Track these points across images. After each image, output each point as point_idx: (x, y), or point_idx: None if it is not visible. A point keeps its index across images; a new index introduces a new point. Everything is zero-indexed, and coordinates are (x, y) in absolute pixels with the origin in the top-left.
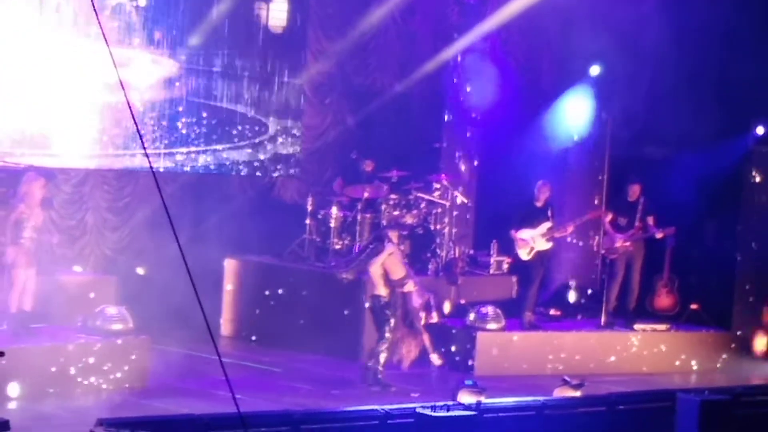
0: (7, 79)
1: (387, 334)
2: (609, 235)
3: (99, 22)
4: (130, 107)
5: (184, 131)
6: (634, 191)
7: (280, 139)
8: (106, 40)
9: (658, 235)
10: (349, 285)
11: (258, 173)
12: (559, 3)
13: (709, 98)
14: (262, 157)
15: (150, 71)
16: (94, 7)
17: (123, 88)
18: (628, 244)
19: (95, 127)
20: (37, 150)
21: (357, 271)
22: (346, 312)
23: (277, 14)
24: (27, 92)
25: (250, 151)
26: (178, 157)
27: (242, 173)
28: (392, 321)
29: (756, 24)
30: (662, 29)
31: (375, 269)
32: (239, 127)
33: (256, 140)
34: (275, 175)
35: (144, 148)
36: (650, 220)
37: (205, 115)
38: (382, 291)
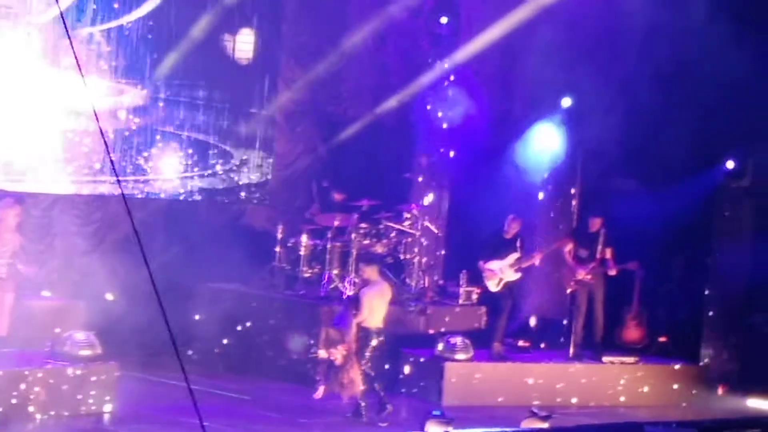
0: None
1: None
2: (569, 268)
3: (74, 52)
4: (102, 134)
5: (152, 159)
6: (595, 223)
7: (246, 168)
8: (80, 69)
9: (611, 272)
10: (318, 314)
11: (226, 200)
12: (532, 34)
13: (681, 131)
14: (228, 185)
15: (119, 100)
16: (69, 37)
17: (96, 116)
18: (588, 276)
19: (64, 153)
20: (6, 175)
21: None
22: (309, 343)
23: (243, 46)
24: None
25: (217, 179)
26: (147, 186)
27: (211, 200)
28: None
29: (728, 59)
30: (635, 62)
31: None
32: (207, 156)
33: (223, 169)
34: (245, 202)
35: (116, 175)
36: (608, 253)
37: (170, 143)
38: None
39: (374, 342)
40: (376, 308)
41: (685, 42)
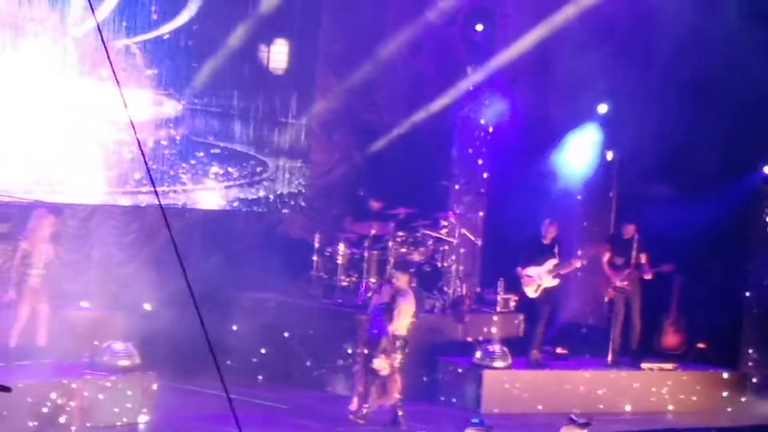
0: (16, 118)
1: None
2: (606, 275)
3: (111, 64)
4: (139, 145)
5: (189, 170)
6: (629, 230)
7: (282, 178)
8: (117, 81)
9: (647, 276)
10: (356, 322)
11: (263, 209)
12: (568, 40)
13: (717, 136)
14: (264, 194)
15: (155, 111)
16: (106, 50)
17: (133, 127)
18: (625, 283)
19: (102, 164)
20: (45, 186)
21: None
22: (347, 352)
23: (277, 56)
24: (36, 130)
25: (254, 189)
26: (184, 196)
27: (248, 210)
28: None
29: (765, 64)
30: (671, 68)
31: None
32: (243, 166)
33: (260, 178)
34: (281, 211)
35: (153, 185)
36: (643, 259)
37: (207, 153)
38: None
39: (403, 351)
40: (405, 317)
41: (720, 47)
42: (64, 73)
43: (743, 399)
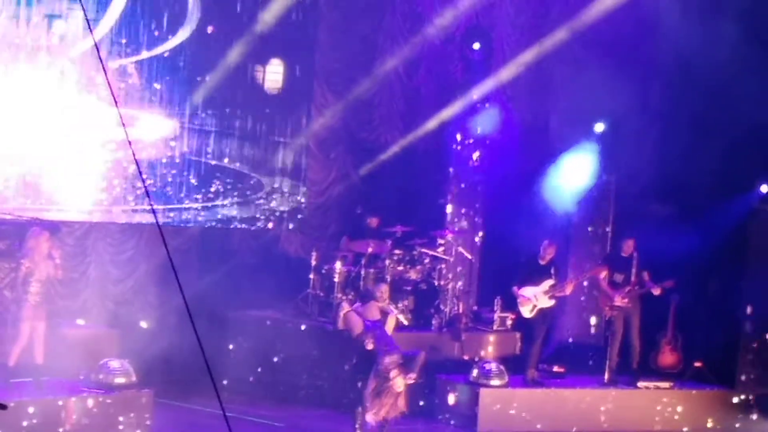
0: (14, 136)
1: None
2: (606, 293)
3: (108, 84)
4: (137, 164)
5: (185, 188)
6: (628, 246)
7: (278, 196)
8: (115, 100)
9: (655, 292)
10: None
11: (260, 228)
12: (565, 59)
13: (714, 156)
14: (261, 213)
15: (151, 130)
16: (104, 70)
17: (130, 145)
18: (626, 300)
19: (98, 182)
20: (42, 204)
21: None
22: (346, 367)
23: (272, 76)
24: (33, 149)
25: (250, 207)
26: (180, 214)
27: (244, 228)
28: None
29: (763, 83)
30: (669, 86)
31: (339, 326)
32: (239, 185)
33: (256, 197)
34: (278, 229)
35: (150, 203)
36: (646, 276)
37: (203, 172)
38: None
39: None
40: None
41: (719, 68)
42: (62, 92)
43: (740, 417)
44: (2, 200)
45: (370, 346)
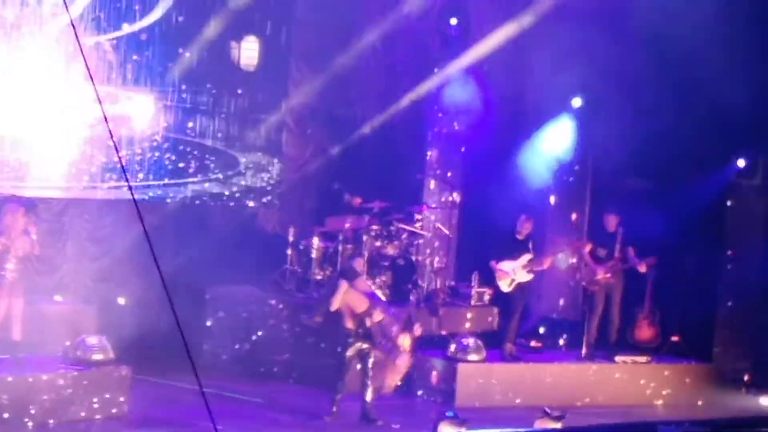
0: None
1: (367, 368)
2: (589, 267)
3: (84, 60)
4: (113, 140)
5: (161, 165)
6: (611, 221)
7: (255, 172)
8: (91, 77)
9: (641, 269)
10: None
11: (237, 203)
12: (542, 34)
13: (692, 130)
14: (238, 189)
15: (128, 107)
16: (80, 46)
17: (107, 122)
18: (608, 275)
19: (75, 159)
20: (18, 181)
21: (323, 313)
22: (321, 346)
23: (248, 53)
24: (9, 126)
25: (227, 183)
26: (158, 191)
27: (222, 204)
28: (370, 354)
29: (739, 56)
30: (645, 62)
31: (335, 307)
32: (216, 161)
33: (232, 173)
34: (254, 206)
35: (127, 180)
36: (631, 252)
37: (180, 149)
38: (349, 324)
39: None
40: None
41: (695, 40)
42: (38, 69)
43: (716, 392)
44: None
45: (378, 317)
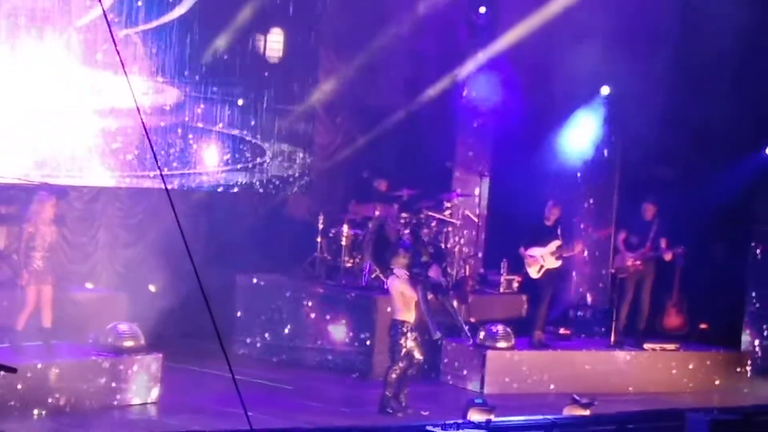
0: (24, 104)
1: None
2: (620, 254)
3: (117, 52)
4: (145, 130)
5: (191, 155)
6: (649, 210)
7: (285, 161)
8: (124, 69)
9: (667, 257)
10: (361, 305)
11: (266, 191)
12: (571, 22)
13: (721, 117)
14: (265, 178)
15: (158, 98)
16: (113, 38)
17: (139, 112)
18: (638, 263)
19: (107, 147)
20: (51, 171)
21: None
22: (350, 333)
23: (273, 45)
24: (43, 116)
25: (256, 172)
26: (187, 180)
27: (252, 193)
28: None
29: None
30: (674, 49)
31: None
32: (245, 151)
33: (261, 161)
34: (284, 194)
35: (159, 168)
36: (663, 242)
37: (208, 139)
38: (406, 317)
39: None
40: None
41: (724, 28)
42: (69, 61)
43: (745, 379)
44: (13, 166)
45: (429, 296)
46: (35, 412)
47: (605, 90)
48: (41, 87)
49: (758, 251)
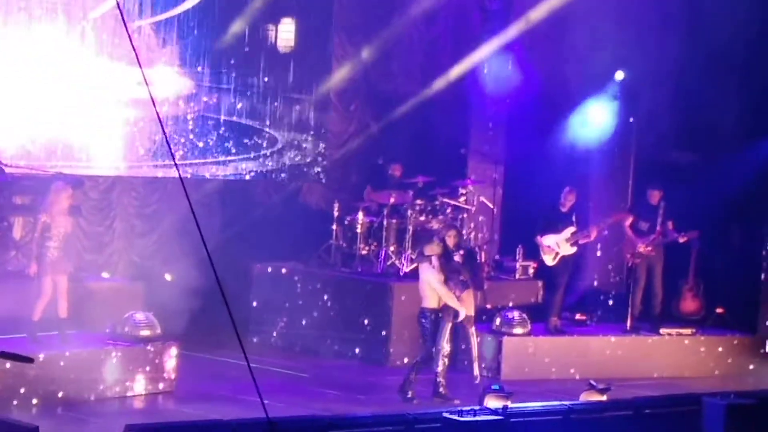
0: (39, 95)
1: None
2: (630, 240)
3: (131, 43)
4: (159, 120)
5: (205, 144)
6: (654, 195)
7: (299, 149)
8: (138, 60)
9: (681, 240)
10: (376, 291)
11: (280, 179)
12: (584, 7)
13: (736, 101)
14: (279, 167)
15: (172, 88)
16: (126, 29)
17: (153, 103)
18: (649, 249)
19: (121, 139)
20: (67, 161)
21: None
22: (366, 321)
23: (284, 35)
24: (58, 107)
25: (270, 161)
26: (203, 169)
27: (266, 181)
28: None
29: None
30: (687, 33)
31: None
32: (258, 140)
33: (274, 150)
34: (298, 182)
35: (173, 158)
36: (670, 225)
37: (222, 128)
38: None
39: None
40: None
41: (739, 12)
42: (83, 52)
43: (761, 363)
44: (28, 157)
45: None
46: (50, 400)
47: (620, 75)
48: (56, 78)
49: None
